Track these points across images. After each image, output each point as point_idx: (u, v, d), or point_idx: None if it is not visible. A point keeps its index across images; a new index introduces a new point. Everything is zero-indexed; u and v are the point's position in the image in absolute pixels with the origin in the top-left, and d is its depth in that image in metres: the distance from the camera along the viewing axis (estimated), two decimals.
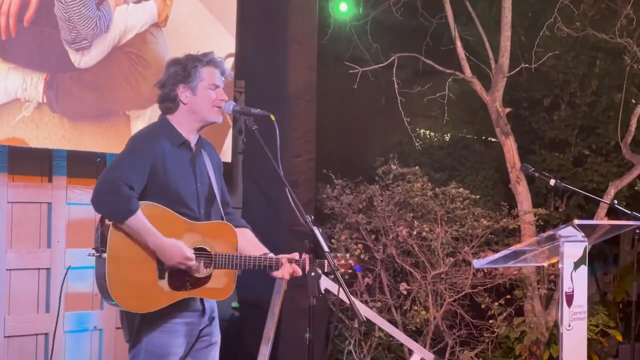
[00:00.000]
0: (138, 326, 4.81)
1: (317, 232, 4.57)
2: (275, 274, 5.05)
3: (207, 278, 4.87)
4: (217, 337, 5.17)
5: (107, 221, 4.68)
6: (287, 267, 5.03)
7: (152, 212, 4.71)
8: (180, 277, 4.77)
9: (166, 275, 4.75)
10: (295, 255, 5.06)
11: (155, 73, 6.75)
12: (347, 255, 5.27)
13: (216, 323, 5.16)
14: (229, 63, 7.51)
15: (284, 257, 5.03)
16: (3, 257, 6.49)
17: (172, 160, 4.86)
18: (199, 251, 4.84)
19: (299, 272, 5.05)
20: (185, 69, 4.96)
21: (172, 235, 4.74)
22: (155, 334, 4.80)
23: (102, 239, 4.68)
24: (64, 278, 6.16)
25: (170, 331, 4.82)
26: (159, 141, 4.87)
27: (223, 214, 5.10)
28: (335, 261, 5.08)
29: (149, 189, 4.77)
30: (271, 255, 5.10)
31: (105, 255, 4.64)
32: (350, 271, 5.20)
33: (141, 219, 4.64)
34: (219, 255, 4.88)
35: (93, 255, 4.74)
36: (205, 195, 5.01)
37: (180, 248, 4.70)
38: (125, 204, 4.60)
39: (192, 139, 5.02)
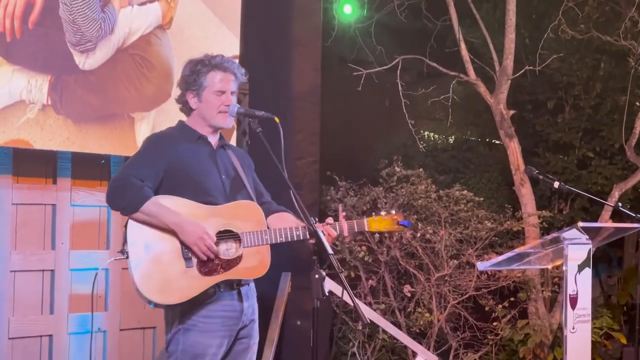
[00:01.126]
0: (175, 324, 4.81)
1: (321, 234, 4.56)
2: (311, 241, 4.93)
3: (238, 259, 4.83)
4: (255, 339, 5.13)
5: (124, 214, 4.71)
6: (321, 230, 4.95)
7: (170, 203, 4.72)
8: (209, 261, 4.75)
9: (194, 262, 4.73)
10: (330, 220, 5.02)
11: (160, 75, 6.78)
12: (393, 211, 5.20)
13: (256, 326, 5.12)
14: None
15: (318, 224, 4.89)
16: (7, 258, 6.49)
17: (189, 154, 4.88)
18: (225, 233, 4.82)
19: (334, 233, 4.98)
20: (192, 74, 4.97)
21: None
22: (191, 333, 4.80)
23: (125, 241, 4.71)
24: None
25: (206, 330, 4.80)
26: (173, 142, 4.91)
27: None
28: (382, 215, 5.07)
29: (169, 185, 4.79)
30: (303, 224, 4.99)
31: (128, 255, 4.66)
32: (397, 227, 5.16)
33: (156, 202, 4.66)
34: (246, 233, 4.85)
35: (120, 258, 4.75)
36: (232, 186, 5.00)
37: (199, 224, 4.69)
38: (137, 192, 4.63)
39: (211, 137, 5.04)
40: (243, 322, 4.98)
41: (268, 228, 4.97)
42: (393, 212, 5.18)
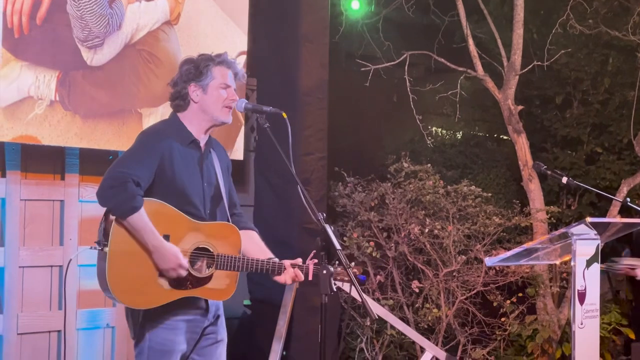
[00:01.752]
0: (141, 323, 4.81)
1: (329, 229, 4.56)
2: (277, 278, 5.03)
3: (208, 278, 4.86)
4: (222, 334, 5.15)
5: (110, 216, 4.68)
6: (289, 272, 5.01)
7: (157, 209, 4.72)
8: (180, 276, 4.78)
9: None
10: (299, 261, 5.04)
11: (167, 71, 6.78)
12: (352, 264, 5.21)
13: (222, 321, 5.14)
14: (241, 61, 7.51)
15: (286, 262, 5.01)
16: (16, 254, 6.51)
17: (180, 159, 4.86)
18: (202, 251, 4.84)
19: (302, 277, 5.03)
20: (197, 68, 4.97)
21: (174, 234, 4.75)
22: (158, 331, 4.80)
23: (105, 234, 4.69)
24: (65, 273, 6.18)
25: (173, 328, 4.82)
26: (168, 139, 4.87)
27: (229, 215, 5.10)
28: (340, 269, 5.07)
29: (155, 186, 4.77)
30: (275, 259, 5.07)
31: (106, 249, 4.65)
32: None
33: (143, 217, 4.64)
34: (221, 256, 4.87)
35: (95, 249, 4.75)
36: (212, 195, 5.00)
37: (177, 255, 4.70)
38: (130, 200, 4.60)
39: (202, 139, 5.02)
40: (208, 320, 5.01)
41: (243, 256, 4.97)
42: (353, 264, 5.18)
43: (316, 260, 4.93)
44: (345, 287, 4.73)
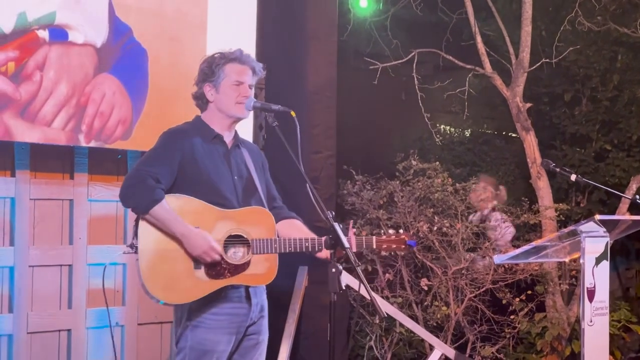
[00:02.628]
0: (183, 322, 4.84)
1: (337, 228, 4.56)
2: (319, 255, 5.00)
3: (246, 264, 4.84)
4: (265, 335, 5.15)
5: (135, 213, 4.72)
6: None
7: (181, 205, 4.74)
8: (217, 265, 4.76)
9: (202, 265, 4.76)
10: None
11: None
12: (400, 230, 5.20)
13: (265, 322, 5.14)
14: None
15: (326, 237, 4.96)
16: (25, 253, 6.52)
17: (203, 154, 4.89)
18: (235, 238, 4.84)
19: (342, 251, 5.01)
20: (210, 67, 5.00)
21: (203, 224, 4.76)
22: (199, 330, 4.82)
23: (135, 235, 4.73)
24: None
25: (214, 327, 4.82)
26: (189, 137, 4.91)
27: (269, 209, 5.07)
28: (385, 237, 5.09)
29: (180, 183, 4.81)
30: (315, 237, 5.04)
31: (138, 250, 4.68)
32: (403, 247, 5.15)
33: (166, 208, 4.67)
34: (256, 240, 4.86)
35: (129, 252, 4.77)
36: (244, 187, 5.01)
37: (206, 239, 4.71)
38: (149, 193, 4.64)
39: (227, 135, 5.05)
40: (251, 319, 5.00)
41: (278, 236, 4.97)
42: (401, 231, 5.17)
43: (355, 230, 4.99)
44: (355, 285, 4.74)
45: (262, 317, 5.10)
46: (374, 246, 5.10)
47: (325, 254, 4.97)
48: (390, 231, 5.17)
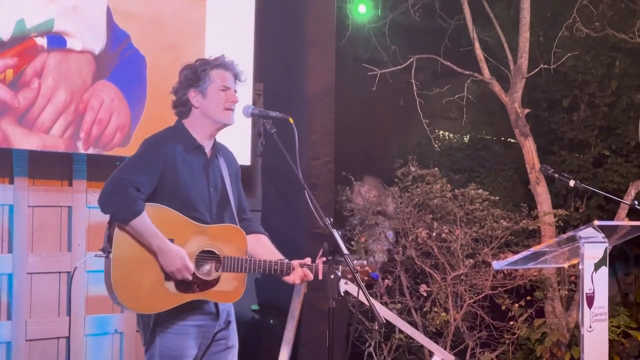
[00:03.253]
0: (152, 328, 4.82)
1: (336, 234, 4.56)
2: (286, 278, 5.01)
3: (215, 281, 4.85)
4: (233, 340, 5.14)
5: (113, 221, 4.69)
6: (298, 272, 4.98)
7: (159, 214, 4.72)
8: (187, 279, 4.77)
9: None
10: (308, 260, 5.01)
11: None
12: (365, 262, 5.20)
13: (233, 327, 5.13)
14: (248, 66, 7.50)
15: (295, 262, 4.99)
16: (24, 261, 6.52)
17: (183, 164, 4.86)
18: (207, 254, 4.84)
19: (311, 277, 4.99)
20: (195, 73, 4.97)
21: (179, 238, 4.75)
22: (168, 336, 4.80)
23: (109, 240, 4.70)
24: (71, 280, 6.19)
25: (183, 333, 4.82)
26: (172, 144, 4.88)
27: (238, 221, 5.07)
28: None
29: (159, 193, 4.78)
30: (284, 259, 5.05)
31: (111, 256, 4.66)
32: (366, 278, 5.14)
33: (146, 220, 4.64)
34: (227, 258, 4.86)
35: (100, 256, 4.75)
36: (218, 200, 5.00)
37: (182, 256, 4.69)
38: (131, 205, 4.61)
39: (207, 144, 5.02)
40: (219, 325, 5.00)
41: (249, 257, 4.96)
42: (365, 262, 5.16)
43: (325, 259, 4.93)
44: (353, 291, 4.73)
45: (229, 322, 5.10)
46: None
47: (292, 278, 5.00)
48: (356, 261, 5.14)
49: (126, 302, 4.71)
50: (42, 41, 6.34)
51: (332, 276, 4.51)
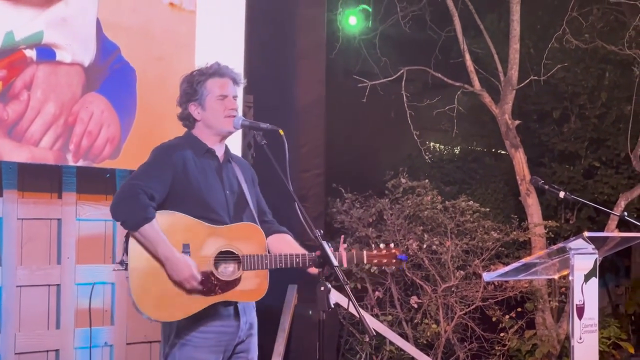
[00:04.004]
0: (171, 341, 4.81)
1: (326, 246, 4.55)
2: (310, 270, 4.95)
3: (236, 281, 4.81)
4: (254, 354, 5.10)
5: (124, 228, 4.69)
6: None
7: (172, 221, 4.72)
8: (208, 281, 4.73)
9: None
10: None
11: None
12: (391, 244, 5.16)
13: (254, 341, 5.10)
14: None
15: (317, 253, 4.94)
16: (13, 273, 6.48)
17: (195, 168, 4.86)
18: (226, 254, 4.81)
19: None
20: (192, 86, 4.97)
21: (194, 241, 4.74)
22: (186, 349, 4.78)
23: (125, 252, 4.70)
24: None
25: (201, 346, 4.79)
26: (182, 151, 4.88)
27: (259, 223, 5.04)
28: (376, 252, 5.06)
29: (173, 198, 4.78)
30: (305, 252, 4.99)
31: (128, 267, 4.66)
32: (394, 261, 5.12)
33: (155, 228, 4.64)
34: (246, 256, 4.84)
35: (119, 269, 4.74)
36: (235, 202, 4.98)
37: (189, 265, 4.66)
38: (141, 211, 4.61)
39: (218, 148, 5.03)
40: (239, 338, 4.96)
41: (269, 252, 4.95)
42: (392, 245, 5.15)
43: (345, 246, 4.98)
44: (344, 302, 4.72)
45: (251, 335, 5.06)
46: (365, 261, 5.08)
47: (315, 269, 4.94)
48: (381, 245, 5.14)
49: (149, 311, 4.68)
50: (31, 53, 6.32)
51: (323, 288, 4.49)
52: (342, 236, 4.97)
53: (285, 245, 5.14)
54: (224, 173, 5.01)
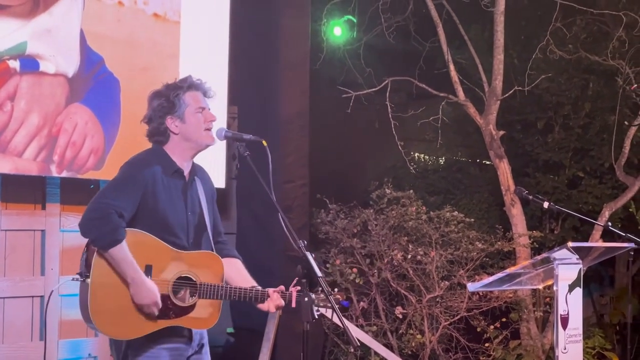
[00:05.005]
0: (124, 353, 4.78)
1: (310, 257, 4.55)
2: (261, 306, 4.99)
3: (191, 307, 4.83)
4: None
5: (92, 246, 4.66)
6: (274, 299, 4.97)
7: (139, 240, 4.70)
8: (164, 305, 4.73)
9: None
10: (282, 288, 5.01)
11: None
12: (335, 290, 5.19)
13: (206, 350, 5.10)
14: (222, 88, 7.49)
15: (270, 290, 4.98)
16: None
17: (163, 189, 4.83)
18: (184, 280, 4.82)
19: (282, 303, 4.98)
20: (168, 100, 4.92)
21: (157, 264, 4.73)
22: None
23: (87, 264, 4.66)
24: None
25: (156, 357, 4.77)
26: (152, 167, 4.84)
27: (213, 244, 5.06)
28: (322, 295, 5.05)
29: (138, 216, 4.75)
30: (258, 287, 5.04)
31: (88, 280, 4.62)
32: (337, 306, 5.12)
33: (124, 249, 4.61)
34: (204, 284, 4.84)
35: (77, 280, 4.72)
36: (195, 224, 4.97)
37: (154, 293, 4.66)
38: (112, 232, 4.58)
39: (186, 167, 5.00)
40: (192, 349, 4.97)
41: (225, 283, 4.95)
42: (336, 290, 5.16)
43: (299, 288, 4.92)
44: (328, 313, 4.72)
45: (202, 346, 5.07)
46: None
47: (266, 306, 4.99)
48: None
49: (102, 328, 4.69)
50: (14, 64, 6.31)
51: (307, 299, 4.49)
52: (297, 275, 4.92)
53: (235, 272, 5.17)
54: (189, 193, 4.98)
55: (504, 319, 8.89)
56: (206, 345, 5.10)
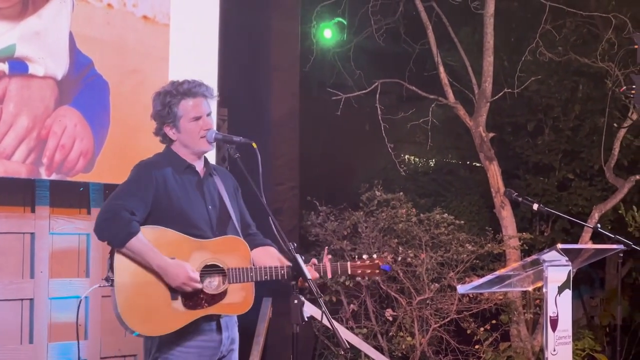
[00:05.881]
0: (153, 354, 4.80)
1: (299, 259, 4.55)
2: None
3: (222, 294, 4.82)
4: None
5: (111, 247, 4.69)
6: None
7: (157, 236, 4.72)
8: (194, 295, 4.74)
9: (179, 295, 4.73)
10: (314, 261, 5.00)
11: None
12: (374, 255, 5.16)
13: (236, 355, 5.09)
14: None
15: (288, 269, 4.90)
16: None
17: (176, 185, 4.86)
18: (211, 268, 4.81)
19: (317, 275, 4.96)
20: (164, 108, 4.94)
21: (179, 255, 4.74)
22: None
23: (111, 268, 4.70)
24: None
25: (184, 359, 4.79)
26: (161, 168, 4.89)
27: (243, 237, 5.04)
28: (360, 262, 5.06)
29: (155, 215, 4.78)
30: (289, 264, 4.95)
31: (113, 282, 4.65)
32: (377, 271, 5.12)
33: (142, 240, 4.64)
34: (232, 269, 4.84)
35: (104, 285, 4.73)
36: (218, 216, 4.98)
37: (184, 268, 4.68)
38: (125, 227, 4.61)
39: (197, 164, 5.02)
40: (221, 353, 4.95)
41: (253, 265, 4.94)
42: (375, 255, 5.15)
43: (331, 257, 4.99)
44: (319, 315, 4.72)
45: (232, 351, 5.06)
46: (349, 272, 5.07)
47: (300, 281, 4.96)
48: (365, 256, 5.14)
49: (135, 326, 4.69)
50: (3, 67, 6.28)
51: (296, 301, 4.49)
52: (326, 248, 4.96)
53: (269, 258, 5.13)
54: (205, 188, 5.01)
55: (494, 321, 8.89)
56: (236, 352, 5.10)
